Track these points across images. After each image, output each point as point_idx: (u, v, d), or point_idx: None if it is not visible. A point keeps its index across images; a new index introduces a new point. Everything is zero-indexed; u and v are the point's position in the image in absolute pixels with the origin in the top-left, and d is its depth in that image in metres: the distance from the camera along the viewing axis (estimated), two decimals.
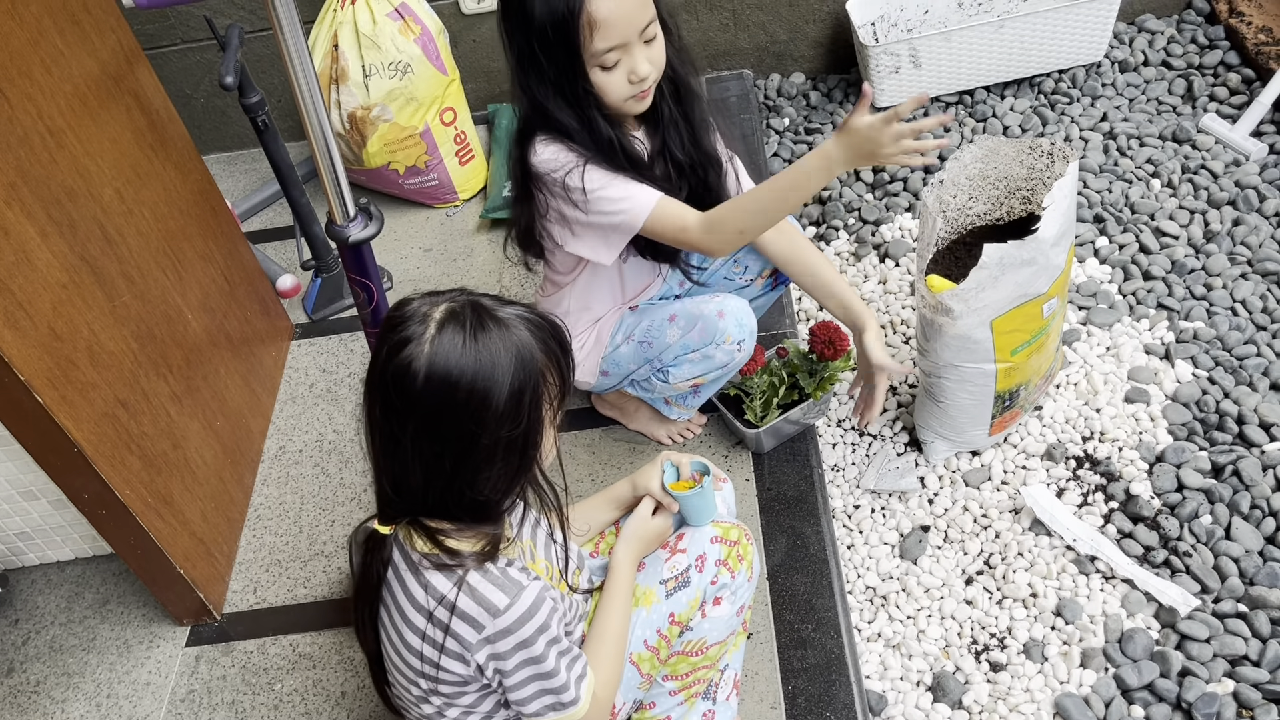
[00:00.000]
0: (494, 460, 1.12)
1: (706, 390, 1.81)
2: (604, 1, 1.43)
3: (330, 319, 2.33)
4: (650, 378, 1.78)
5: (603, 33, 1.44)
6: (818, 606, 1.68)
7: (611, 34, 1.45)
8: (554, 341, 1.15)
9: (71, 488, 1.58)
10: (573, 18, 1.43)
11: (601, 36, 1.45)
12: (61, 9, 1.61)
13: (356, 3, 2.27)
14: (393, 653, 1.23)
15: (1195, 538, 1.71)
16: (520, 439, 1.13)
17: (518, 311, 1.14)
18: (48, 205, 1.51)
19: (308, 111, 1.29)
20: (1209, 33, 2.55)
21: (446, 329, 1.10)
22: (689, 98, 1.64)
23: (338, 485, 2.00)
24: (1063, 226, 1.62)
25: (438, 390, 1.08)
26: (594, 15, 1.43)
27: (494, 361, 1.09)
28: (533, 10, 1.44)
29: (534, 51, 1.48)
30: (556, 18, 1.43)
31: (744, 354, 1.72)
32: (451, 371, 1.08)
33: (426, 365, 1.08)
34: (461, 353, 1.09)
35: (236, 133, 2.79)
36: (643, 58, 1.50)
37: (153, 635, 1.83)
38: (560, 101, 1.53)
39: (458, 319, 1.11)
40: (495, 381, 1.09)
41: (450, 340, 1.09)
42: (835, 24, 2.64)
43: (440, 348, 1.09)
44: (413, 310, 1.12)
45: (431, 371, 1.08)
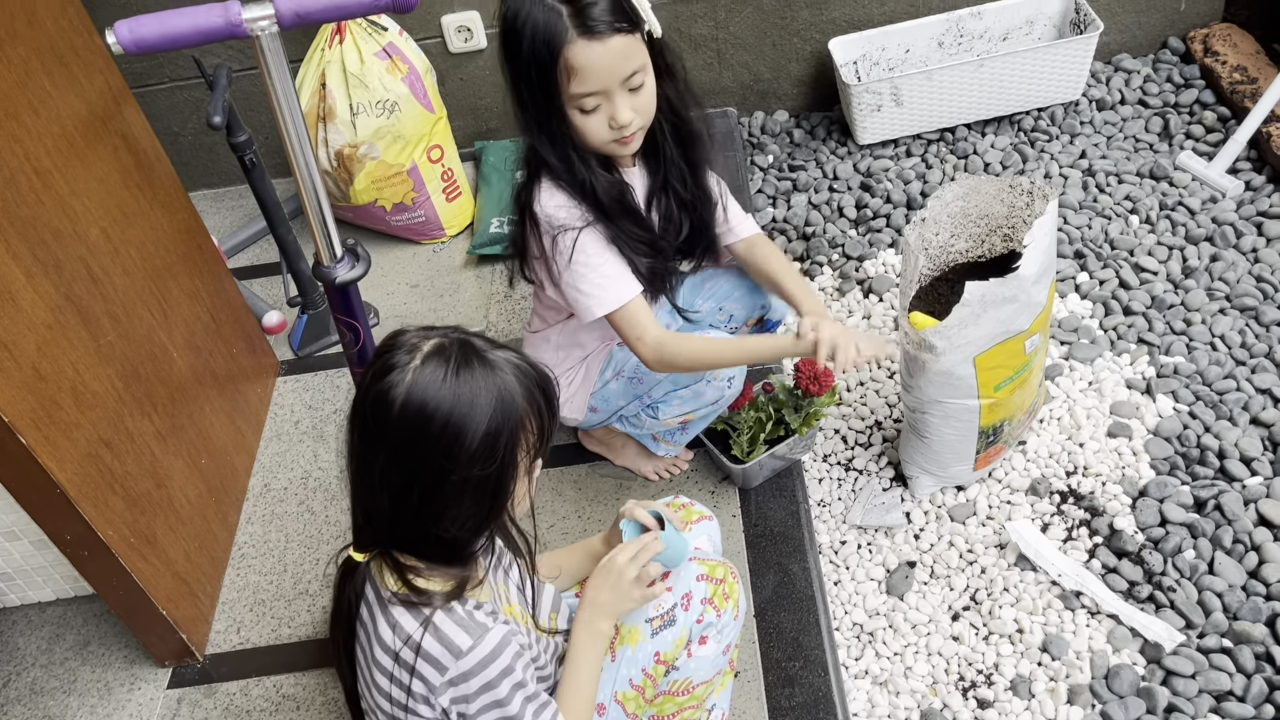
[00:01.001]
0: (462, 499, 1.12)
1: (695, 427, 1.81)
2: (582, 49, 1.43)
3: (316, 355, 2.33)
4: (639, 414, 1.78)
5: (580, 78, 1.45)
6: (805, 644, 1.67)
7: (589, 80, 1.46)
8: (539, 391, 1.15)
9: (53, 528, 1.57)
10: (551, 60, 1.44)
11: (579, 81, 1.46)
12: (49, 51, 1.62)
13: (344, 42, 2.29)
14: (366, 692, 1.23)
15: (1179, 572, 1.72)
16: (491, 481, 1.13)
17: (507, 356, 1.15)
18: (34, 246, 1.51)
19: (295, 155, 1.30)
20: (1184, 72, 2.59)
21: (431, 362, 1.10)
22: (692, 141, 1.65)
23: (323, 523, 1.99)
24: (1043, 264, 1.64)
25: (412, 420, 1.09)
26: (571, 61, 1.44)
27: (473, 399, 1.10)
28: (519, 43, 1.45)
29: (519, 83, 1.50)
30: (538, 58, 1.45)
31: (734, 390, 1.73)
32: (428, 403, 1.09)
33: (404, 394, 1.09)
34: (440, 386, 1.09)
35: (223, 169, 2.80)
36: (625, 105, 1.50)
37: (134, 677, 1.81)
38: (543, 138, 1.54)
39: (443, 353, 1.11)
40: (471, 419, 1.10)
41: (432, 373, 1.10)
42: (818, 63, 2.67)
43: (420, 379, 1.09)
44: (403, 341, 1.13)
45: (409, 400, 1.09)
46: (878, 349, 1.57)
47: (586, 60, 1.44)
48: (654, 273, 1.65)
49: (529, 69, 1.46)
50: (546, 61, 1.44)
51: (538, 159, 1.57)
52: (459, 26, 2.55)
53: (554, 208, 1.57)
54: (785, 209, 2.50)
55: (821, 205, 2.49)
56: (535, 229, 1.60)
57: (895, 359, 1.90)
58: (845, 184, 2.53)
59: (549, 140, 1.54)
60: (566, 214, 1.56)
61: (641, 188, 1.66)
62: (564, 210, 1.56)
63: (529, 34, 1.43)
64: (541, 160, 1.56)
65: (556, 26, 1.42)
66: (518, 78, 1.49)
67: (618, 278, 1.59)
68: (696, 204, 1.69)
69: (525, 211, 1.61)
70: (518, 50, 1.46)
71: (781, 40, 2.63)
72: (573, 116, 1.51)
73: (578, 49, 1.43)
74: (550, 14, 1.42)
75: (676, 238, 1.70)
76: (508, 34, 1.46)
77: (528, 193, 1.59)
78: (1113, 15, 2.61)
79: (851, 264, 2.33)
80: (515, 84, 1.51)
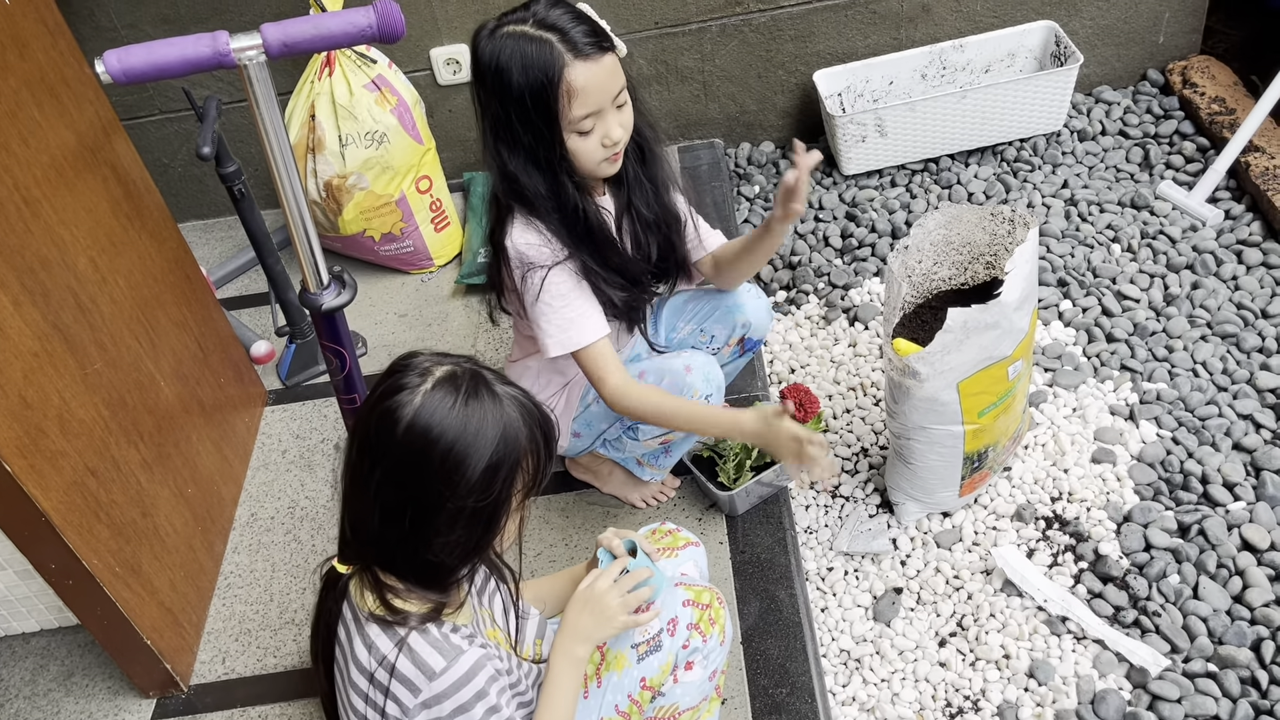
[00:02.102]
0: (454, 527, 1.13)
1: (677, 449, 1.82)
2: (581, 70, 1.47)
3: (304, 385, 2.33)
4: (621, 436, 1.79)
5: (580, 100, 1.48)
6: (792, 670, 1.67)
7: (589, 101, 1.49)
8: (540, 432, 1.16)
9: (38, 557, 1.57)
10: (552, 86, 1.47)
11: (580, 104, 1.49)
12: (40, 82, 1.63)
13: (334, 74, 2.31)
14: (344, 714, 1.22)
15: (1164, 597, 1.73)
16: (485, 513, 1.14)
17: (514, 393, 1.16)
18: (21, 274, 1.52)
19: (281, 181, 1.31)
20: (1164, 103, 2.63)
21: (442, 388, 1.11)
22: (652, 158, 1.68)
23: (309, 552, 1.98)
24: (1025, 291, 1.65)
25: (415, 443, 1.09)
26: (573, 84, 1.47)
27: (478, 431, 1.11)
28: (510, 79, 1.47)
29: (509, 118, 1.51)
30: (535, 86, 1.47)
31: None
32: (433, 428, 1.09)
33: (411, 416, 1.09)
34: (448, 413, 1.10)
35: (212, 200, 2.81)
36: (615, 122, 1.54)
37: (118, 708, 1.79)
38: (532, 168, 1.56)
39: (455, 381, 1.12)
40: (474, 450, 1.10)
41: (441, 399, 1.10)
42: (803, 94, 2.71)
43: (429, 403, 1.10)
44: (416, 363, 1.14)
45: (414, 423, 1.09)
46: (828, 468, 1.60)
47: (586, 81, 1.47)
48: (628, 304, 1.68)
49: (523, 101, 1.48)
50: (546, 89, 1.46)
51: (513, 195, 1.59)
52: (448, 59, 2.58)
53: (525, 245, 1.59)
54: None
55: (807, 235, 2.51)
56: (507, 264, 1.63)
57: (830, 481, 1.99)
58: (830, 214, 2.55)
59: (540, 171, 1.56)
60: (536, 252, 1.59)
61: (610, 213, 1.68)
62: (534, 249, 1.59)
63: (520, 67, 1.46)
64: (518, 196, 1.58)
65: (551, 54, 1.46)
66: (508, 114, 1.51)
67: (583, 318, 1.61)
68: (661, 223, 1.72)
69: (499, 247, 1.63)
70: (507, 86, 1.48)
71: (767, 72, 2.66)
72: (570, 141, 1.53)
73: (576, 71, 1.46)
74: (540, 44, 1.46)
75: (648, 261, 1.72)
76: (493, 73, 1.49)
77: (500, 229, 1.62)
78: (1093, 48, 2.65)
79: (837, 292, 2.35)
80: (503, 121, 1.52)
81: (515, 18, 1.49)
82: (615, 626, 1.29)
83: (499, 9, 1.52)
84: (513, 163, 1.56)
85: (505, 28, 1.49)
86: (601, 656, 1.36)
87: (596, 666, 1.35)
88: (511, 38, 1.47)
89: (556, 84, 1.47)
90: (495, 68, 1.48)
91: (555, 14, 1.48)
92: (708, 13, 2.55)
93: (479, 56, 1.50)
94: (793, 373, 2.23)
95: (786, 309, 2.37)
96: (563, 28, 1.46)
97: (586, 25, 1.49)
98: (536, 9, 1.49)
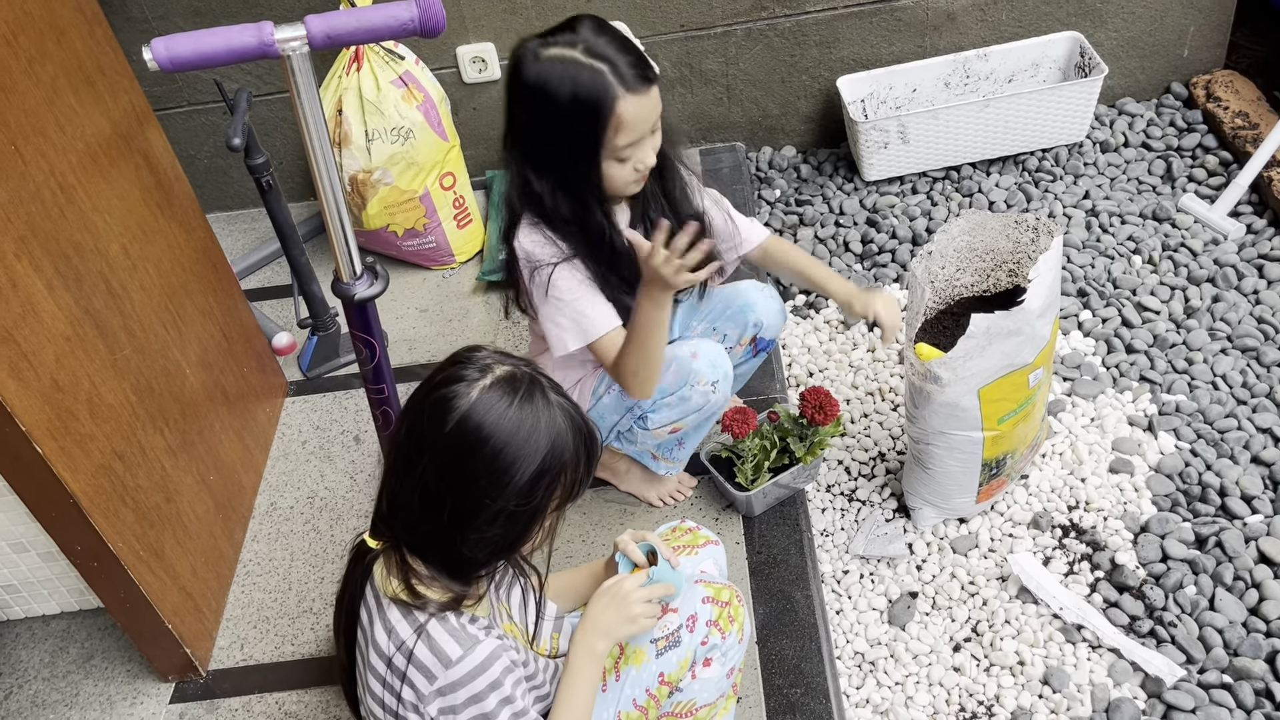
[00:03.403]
0: (491, 526, 1.14)
1: (690, 439, 1.83)
2: (631, 103, 1.49)
3: (325, 377, 2.35)
4: (632, 427, 1.80)
5: (626, 131, 1.51)
6: (806, 671, 1.68)
7: (633, 131, 1.52)
8: (585, 447, 1.18)
9: (65, 539, 1.59)
10: (601, 117, 1.49)
11: (625, 134, 1.51)
12: (77, 70, 1.65)
13: (361, 69, 2.33)
14: (364, 696, 1.24)
15: (1180, 608, 1.73)
16: (522, 518, 1.15)
17: (567, 405, 1.17)
18: (55, 259, 1.54)
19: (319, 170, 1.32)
20: (1187, 116, 2.63)
21: (500, 387, 1.12)
22: (670, 172, 1.70)
23: (328, 542, 2.00)
24: (1048, 298, 1.66)
25: (464, 438, 1.10)
26: (622, 116, 1.49)
27: (529, 436, 1.12)
28: (558, 104, 1.48)
29: (546, 140, 1.53)
30: (584, 115, 1.49)
31: (719, 396, 1.74)
32: (485, 426, 1.11)
33: (466, 410, 1.11)
34: (502, 414, 1.11)
35: (238, 192, 2.83)
36: (649, 148, 1.56)
37: (136, 691, 1.81)
38: (559, 191, 1.58)
39: (514, 383, 1.13)
40: (524, 455, 1.12)
41: (498, 399, 1.12)
42: (826, 100, 2.72)
43: (485, 399, 1.11)
44: (477, 358, 1.16)
45: (467, 418, 1.10)
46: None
47: (635, 113, 1.50)
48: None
49: (568, 127, 1.50)
50: (595, 119, 1.49)
51: (528, 200, 1.61)
52: (474, 57, 2.60)
53: (531, 244, 1.62)
54: (791, 242, 2.53)
55: (827, 240, 2.52)
56: (516, 265, 1.66)
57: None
58: (851, 219, 2.56)
59: (566, 191, 1.58)
60: (542, 250, 1.61)
61: (624, 223, 1.70)
62: (539, 247, 1.61)
63: (571, 94, 1.48)
64: (532, 201, 1.60)
65: (604, 83, 1.47)
66: (546, 136, 1.53)
67: (593, 310, 1.63)
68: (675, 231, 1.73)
69: (509, 248, 1.66)
70: (554, 110, 1.49)
71: (790, 77, 2.67)
72: (607, 167, 1.56)
73: (627, 103, 1.49)
74: (595, 74, 1.47)
75: None
76: (539, 95, 1.50)
77: (511, 231, 1.64)
78: (1117, 60, 2.66)
79: None
80: (538, 141, 1.54)
81: (562, 40, 1.50)
82: (637, 628, 1.30)
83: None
84: (539, 183, 1.58)
85: (552, 49, 1.49)
86: (621, 650, 1.37)
87: (615, 660, 1.36)
88: (561, 62, 1.48)
89: (607, 115, 1.49)
90: (543, 91, 1.49)
91: (603, 42, 1.49)
92: (733, 16, 2.56)
93: (522, 75, 1.50)
94: (811, 376, 2.24)
95: (806, 313, 2.38)
96: (613, 58, 1.48)
97: (633, 55, 1.50)
98: (585, 35, 1.49)
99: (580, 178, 1.56)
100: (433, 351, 2.37)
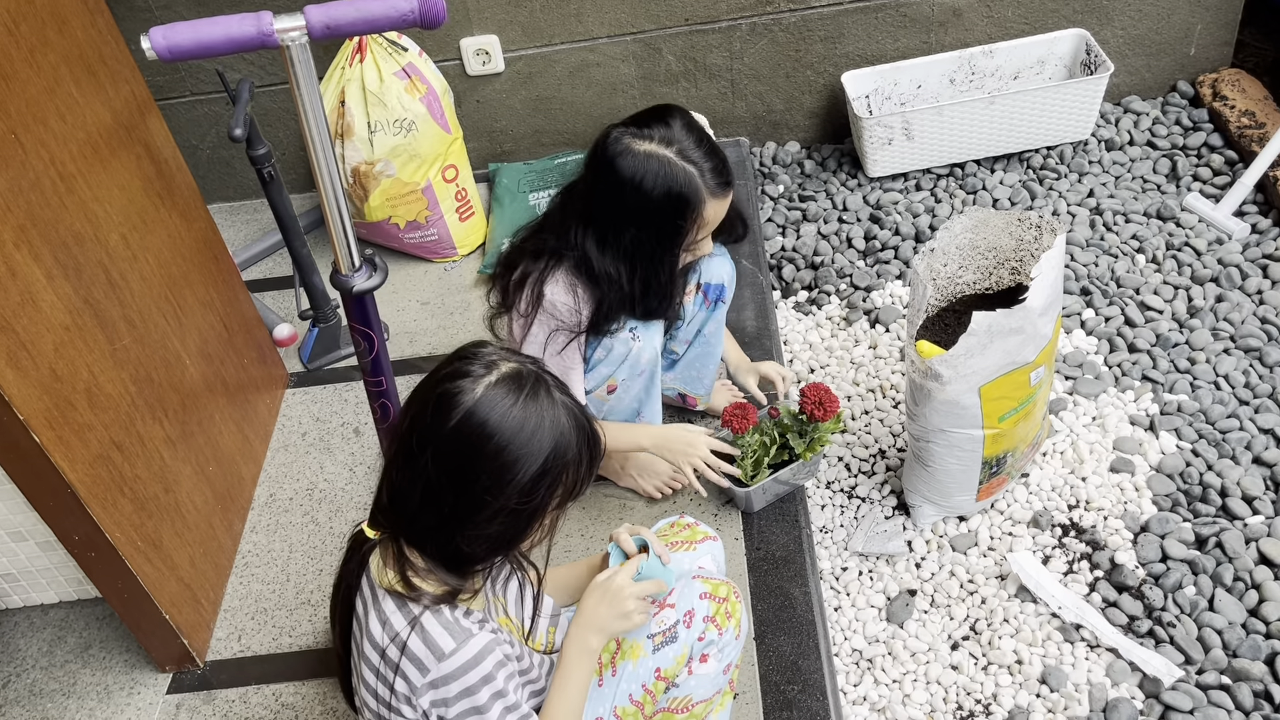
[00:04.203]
0: (492, 522, 1.14)
1: (646, 408, 1.84)
2: (712, 206, 1.62)
3: (325, 369, 2.35)
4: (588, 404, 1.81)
5: (704, 227, 1.65)
6: (804, 668, 1.68)
7: (709, 227, 1.66)
8: (588, 447, 1.18)
9: (62, 529, 1.58)
10: (689, 217, 1.61)
11: (702, 229, 1.65)
12: (78, 59, 1.65)
13: (364, 61, 2.32)
14: (358, 686, 1.24)
15: (1179, 608, 1.72)
16: (523, 516, 1.15)
17: (571, 404, 1.17)
18: (55, 248, 1.53)
19: (318, 161, 1.32)
20: (1193, 115, 2.62)
21: (505, 385, 1.12)
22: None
23: (327, 534, 2.00)
24: (1050, 297, 1.65)
25: (468, 435, 1.10)
26: (705, 216, 1.63)
27: (533, 435, 1.12)
28: (650, 200, 1.58)
29: (632, 225, 1.62)
30: (676, 212, 1.60)
31: (642, 345, 1.76)
32: (489, 424, 1.10)
33: (469, 407, 1.10)
34: (506, 412, 1.11)
35: (239, 183, 2.83)
36: (709, 239, 1.70)
37: (134, 682, 1.81)
38: (638, 264, 1.66)
39: (520, 381, 1.13)
40: (528, 454, 1.12)
41: (502, 397, 1.11)
42: (831, 95, 2.71)
43: (489, 397, 1.11)
44: (483, 353, 1.15)
45: (471, 415, 1.10)
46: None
47: (715, 214, 1.65)
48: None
49: (658, 219, 1.61)
50: (682, 214, 1.61)
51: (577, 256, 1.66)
52: (478, 50, 2.59)
53: (559, 301, 1.68)
54: (795, 238, 2.53)
55: (830, 236, 2.52)
56: (533, 299, 1.69)
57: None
58: (854, 215, 2.55)
59: (648, 268, 1.66)
60: (567, 314, 1.69)
61: None
62: (565, 309, 1.68)
63: (664, 189, 1.58)
64: (583, 261, 1.66)
65: (695, 185, 1.59)
66: (635, 222, 1.62)
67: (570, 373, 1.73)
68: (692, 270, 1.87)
69: (523, 280, 1.70)
70: (645, 205, 1.59)
71: (795, 72, 2.67)
72: (680, 257, 1.69)
73: (710, 205, 1.62)
74: (689, 175, 1.59)
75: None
76: (632, 189, 1.59)
77: (538, 267, 1.69)
78: (1123, 58, 2.65)
79: (859, 294, 2.35)
80: (629, 225, 1.63)
81: (656, 136, 1.59)
82: (631, 623, 1.30)
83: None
84: (610, 258, 1.65)
85: (645, 145, 1.58)
86: (617, 646, 1.36)
87: (612, 655, 1.36)
88: (656, 160, 1.58)
89: (694, 215, 1.61)
90: (637, 185, 1.58)
91: (691, 143, 1.59)
92: (738, 11, 2.55)
93: (615, 167, 1.58)
94: (812, 372, 2.23)
95: (808, 309, 2.37)
96: (701, 164, 1.59)
97: (717, 160, 1.61)
98: (675, 136, 1.59)
99: (658, 261, 1.66)
100: (434, 344, 2.36)
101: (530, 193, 2.60)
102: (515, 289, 1.73)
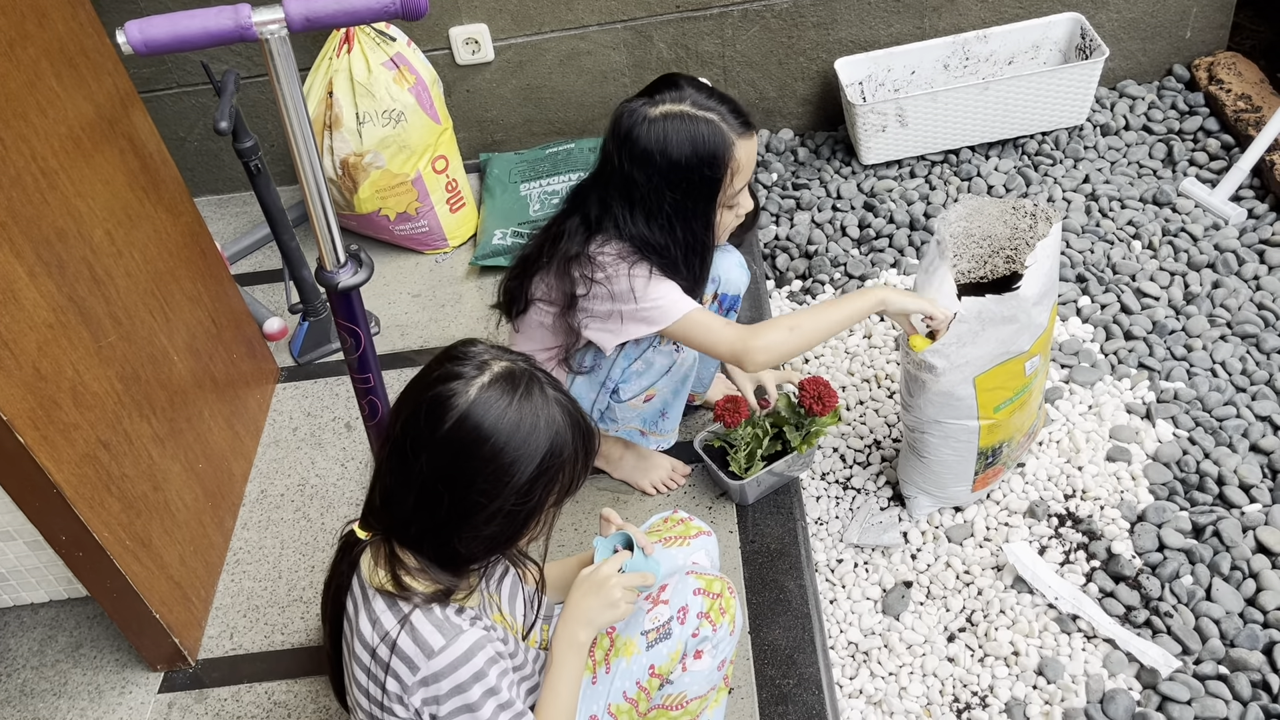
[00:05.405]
0: (490, 523, 1.13)
1: (671, 408, 1.82)
2: (742, 147, 1.56)
3: (316, 363, 2.33)
4: (610, 404, 1.78)
5: (740, 174, 1.58)
6: (799, 662, 1.67)
7: (744, 175, 1.59)
8: (583, 444, 1.16)
9: (49, 529, 1.57)
10: (722, 164, 1.55)
11: (740, 177, 1.58)
12: (59, 53, 1.62)
13: (352, 51, 2.30)
14: (349, 687, 1.23)
15: (1176, 598, 1.71)
16: (521, 515, 1.14)
17: (565, 401, 1.15)
18: (37, 245, 1.51)
19: (300, 157, 1.30)
20: (1189, 99, 2.60)
21: (498, 385, 1.11)
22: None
23: (319, 530, 1.98)
24: (1045, 285, 1.64)
25: (464, 438, 1.09)
26: (738, 160, 1.56)
27: (528, 436, 1.10)
28: (681, 159, 1.53)
29: (667, 190, 1.56)
30: (706, 164, 1.54)
31: (684, 355, 1.74)
32: (484, 426, 1.09)
33: (464, 409, 1.09)
34: (501, 414, 1.09)
35: (228, 176, 2.81)
36: (748, 194, 1.64)
37: (125, 681, 1.80)
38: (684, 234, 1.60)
39: (513, 381, 1.11)
40: (524, 455, 1.10)
41: (497, 398, 1.10)
42: (824, 82, 2.69)
43: (483, 399, 1.09)
44: (475, 352, 1.14)
45: (466, 417, 1.09)
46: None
47: (746, 156, 1.58)
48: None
49: (693, 175, 1.55)
50: (715, 164, 1.54)
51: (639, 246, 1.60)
52: (467, 39, 2.57)
53: (605, 251, 1.61)
54: (788, 227, 2.51)
55: (824, 224, 2.50)
56: (586, 270, 1.61)
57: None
58: (849, 203, 2.53)
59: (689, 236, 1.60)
60: (616, 255, 1.61)
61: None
62: (610, 257, 1.61)
63: (692, 149, 1.53)
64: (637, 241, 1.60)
65: (720, 130, 1.54)
66: (670, 187, 1.56)
67: (673, 291, 1.62)
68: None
69: (570, 259, 1.62)
70: (676, 166, 1.54)
71: (788, 59, 2.64)
72: (721, 217, 1.62)
73: (740, 146, 1.56)
74: (710, 123, 1.54)
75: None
76: (660, 155, 1.53)
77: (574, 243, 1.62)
78: (1118, 42, 2.63)
79: (853, 283, 2.33)
80: (663, 193, 1.56)
81: (668, 98, 1.55)
82: (619, 613, 1.29)
83: None
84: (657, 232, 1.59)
85: (661, 108, 1.54)
86: (611, 643, 1.36)
87: (606, 652, 1.35)
88: (676, 119, 1.53)
89: (727, 161, 1.55)
90: (664, 149, 1.53)
91: (702, 96, 1.55)
92: None
93: (636, 138, 1.54)
94: (807, 363, 2.22)
95: (802, 298, 2.35)
96: (719, 108, 1.54)
97: (731, 104, 1.56)
98: (686, 94, 1.55)
99: (703, 220, 1.60)
100: (425, 338, 2.35)
101: (521, 183, 2.58)
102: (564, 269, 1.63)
